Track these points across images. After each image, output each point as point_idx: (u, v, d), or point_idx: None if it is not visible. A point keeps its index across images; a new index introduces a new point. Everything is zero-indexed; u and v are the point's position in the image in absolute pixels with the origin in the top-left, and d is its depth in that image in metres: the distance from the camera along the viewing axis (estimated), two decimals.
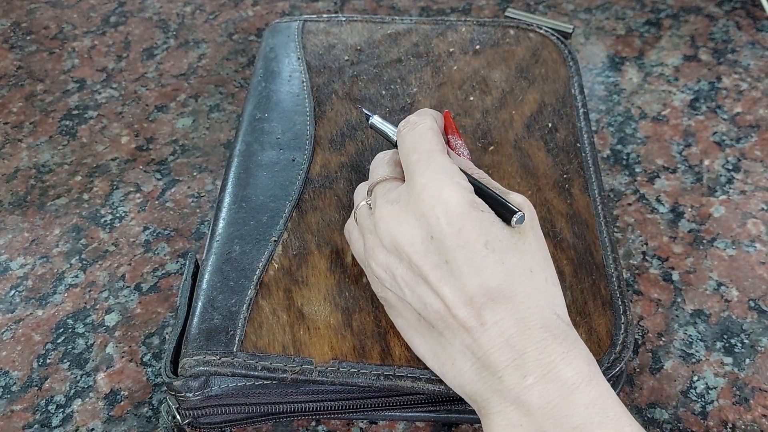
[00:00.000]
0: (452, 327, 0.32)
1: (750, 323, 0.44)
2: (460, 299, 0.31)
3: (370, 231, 0.35)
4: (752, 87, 0.58)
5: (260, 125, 0.47)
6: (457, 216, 0.32)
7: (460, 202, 0.32)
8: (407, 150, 0.36)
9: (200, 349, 0.36)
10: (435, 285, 0.32)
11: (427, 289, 0.32)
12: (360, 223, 0.37)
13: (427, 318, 0.33)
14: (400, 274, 0.33)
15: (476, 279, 0.31)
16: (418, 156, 0.35)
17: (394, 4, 0.68)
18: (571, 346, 0.31)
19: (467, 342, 0.32)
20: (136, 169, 0.54)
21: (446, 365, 0.33)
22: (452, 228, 0.32)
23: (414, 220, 0.33)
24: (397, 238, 0.33)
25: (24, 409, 0.41)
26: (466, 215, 0.32)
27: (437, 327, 0.33)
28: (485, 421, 0.32)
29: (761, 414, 0.40)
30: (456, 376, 0.33)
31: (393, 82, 0.50)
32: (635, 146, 0.54)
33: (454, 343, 0.32)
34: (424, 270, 0.32)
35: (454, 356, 0.33)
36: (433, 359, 0.34)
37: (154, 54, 0.63)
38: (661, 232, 0.49)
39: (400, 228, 0.33)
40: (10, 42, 0.65)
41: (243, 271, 0.39)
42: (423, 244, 0.32)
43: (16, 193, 0.53)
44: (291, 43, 0.53)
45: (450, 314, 0.32)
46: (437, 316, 0.32)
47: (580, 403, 0.29)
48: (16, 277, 0.48)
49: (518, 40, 0.53)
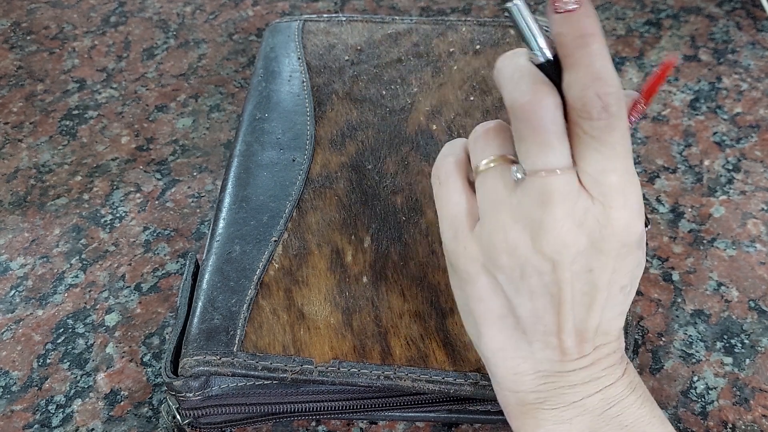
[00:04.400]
0: (549, 344, 0.30)
1: (750, 323, 0.44)
2: (575, 329, 0.30)
3: (514, 217, 0.29)
4: (752, 87, 0.58)
5: (260, 125, 0.47)
6: (625, 254, 0.29)
7: (637, 241, 0.29)
8: (606, 157, 0.28)
9: (200, 349, 0.36)
10: (564, 309, 0.29)
11: (549, 307, 0.29)
12: (491, 190, 0.30)
13: (525, 325, 0.30)
14: (532, 282, 0.29)
15: (598, 318, 0.30)
16: (618, 178, 0.28)
17: (394, 4, 0.68)
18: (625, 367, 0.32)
19: (554, 358, 0.31)
20: (136, 169, 0.54)
21: (509, 361, 0.31)
22: (614, 266, 0.29)
23: (590, 247, 0.28)
24: (564, 255, 0.28)
25: (24, 409, 0.41)
26: (631, 254, 0.29)
27: (529, 335, 0.30)
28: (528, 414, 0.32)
29: (761, 414, 0.40)
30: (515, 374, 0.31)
31: (393, 82, 0.50)
32: (635, 146, 0.54)
33: (536, 353, 0.31)
34: (564, 294, 0.29)
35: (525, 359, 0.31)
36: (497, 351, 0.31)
37: (154, 54, 0.63)
38: (661, 232, 0.49)
39: (575, 246, 0.28)
40: (10, 42, 0.65)
41: (243, 271, 0.39)
42: (581, 271, 0.29)
43: (16, 193, 0.53)
44: (291, 43, 0.53)
45: (558, 335, 0.30)
46: (542, 330, 0.30)
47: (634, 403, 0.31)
48: (16, 277, 0.48)
49: (518, 40, 0.53)
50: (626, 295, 0.31)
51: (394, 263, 0.40)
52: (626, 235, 0.29)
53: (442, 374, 0.36)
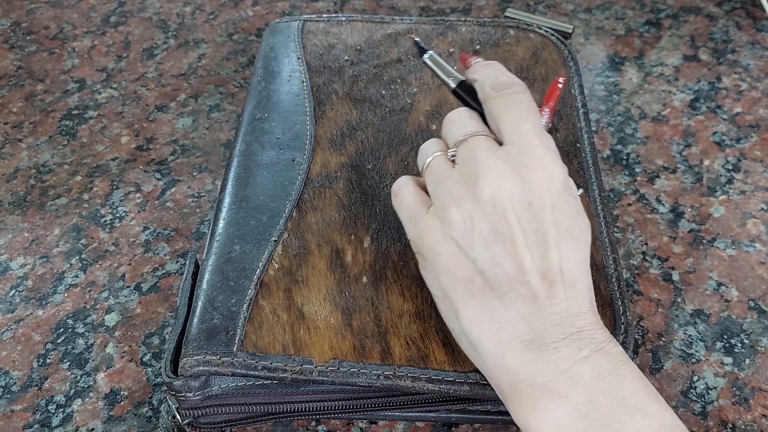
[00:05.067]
0: (517, 293, 0.32)
1: (750, 323, 0.44)
2: (537, 269, 0.33)
3: (456, 180, 0.35)
4: (752, 87, 0.58)
5: (260, 125, 0.47)
6: (557, 193, 0.34)
7: (563, 182, 0.34)
8: (518, 114, 0.35)
9: (200, 349, 0.36)
10: (519, 248, 0.33)
11: (505, 250, 0.33)
12: (436, 172, 0.36)
13: (491, 278, 0.33)
14: (482, 228, 0.33)
15: (556, 256, 0.33)
16: (532, 125, 0.35)
17: (394, 4, 0.68)
18: (610, 335, 0.33)
19: (527, 311, 0.32)
20: (136, 169, 0.54)
21: (488, 332, 0.33)
22: (551, 202, 0.33)
23: (521, 182, 0.33)
24: (501, 193, 0.33)
25: (24, 409, 0.41)
26: (563, 196, 0.34)
27: (498, 290, 0.33)
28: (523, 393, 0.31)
29: (761, 414, 0.40)
30: (497, 344, 0.33)
31: (393, 82, 0.50)
32: (635, 146, 0.54)
33: (510, 310, 0.32)
34: (514, 230, 0.33)
35: (503, 323, 0.32)
36: (474, 323, 0.33)
37: (154, 54, 0.63)
38: (661, 232, 0.49)
39: (507, 184, 0.33)
40: (10, 42, 0.65)
41: (243, 270, 0.39)
42: (521, 206, 0.33)
43: (16, 193, 0.53)
44: (291, 43, 0.53)
45: (522, 280, 0.32)
46: (506, 278, 0.33)
47: (628, 376, 0.31)
48: (16, 277, 0.48)
49: (518, 40, 0.53)
50: (577, 240, 0.34)
51: (394, 263, 0.40)
52: (547, 166, 0.34)
53: (442, 374, 0.36)
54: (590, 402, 0.30)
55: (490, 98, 0.37)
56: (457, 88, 0.39)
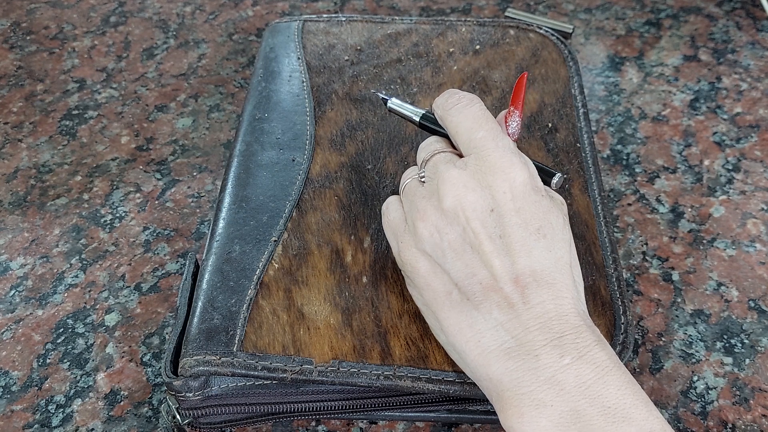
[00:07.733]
0: (493, 300, 0.32)
1: (750, 323, 0.44)
2: (508, 274, 0.32)
3: (423, 196, 0.36)
4: (752, 87, 0.58)
5: (260, 125, 0.47)
6: (520, 195, 0.34)
7: (525, 183, 0.34)
8: (469, 125, 0.36)
9: (200, 349, 0.36)
10: (487, 255, 0.33)
11: (475, 258, 0.33)
12: (407, 192, 0.37)
13: (466, 288, 0.33)
14: (450, 239, 0.34)
15: (526, 259, 0.33)
16: (485, 133, 0.35)
17: (394, 4, 0.68)
18: (599, 336, 0.33)
19: (504, 318, 0.32)
20: (136, 169, 0.54)
21: (470, 342, 0.33)
22: (514, 205, 0.33)
23: (480, 189, 0.34)
24: (461, 201, 0.33)
25: (24, 409, 0.41)
26: (528, 197, 0.34)
27: (474, 300, 0.33)
28: (508, 403, 0.31)
29: (761, 414, 0.40)
30: (480, 354, 0.32)
31: (393, 82, 0.50)
32: (635, 146, 0.54)
33: (488, 319, 0.32)
34: (480, 237, 0.33)
35: (483, 333, 0.32)
36: (457, 335, 0.33)
37: (154, 54, 0.63)
38: (661, 232, 0.49)
39: (466, 192, 0.34)
40: (10, 42, 0.65)
41: (243, 271, 0.39)
42: (484, 213, 0.33)
43: (16, 193, 0.53)
44: (291, 43, 0.53)
45: (495, 287, 0.32)
46: (479, 287, 0.33)
47: (613, 384, 0.31)
48: (16, 277, 0.48)
49: (518, 40, 0.53)
50: (550, 239, 0.33)
51: (394, 263, 0.40)
52: (505, 170, 0.34)
53: (442, 374, 0.36)
54: (574, 411, 0.30)
55: (444, 118, 0.38)
56: (422, 120, 0.41)
